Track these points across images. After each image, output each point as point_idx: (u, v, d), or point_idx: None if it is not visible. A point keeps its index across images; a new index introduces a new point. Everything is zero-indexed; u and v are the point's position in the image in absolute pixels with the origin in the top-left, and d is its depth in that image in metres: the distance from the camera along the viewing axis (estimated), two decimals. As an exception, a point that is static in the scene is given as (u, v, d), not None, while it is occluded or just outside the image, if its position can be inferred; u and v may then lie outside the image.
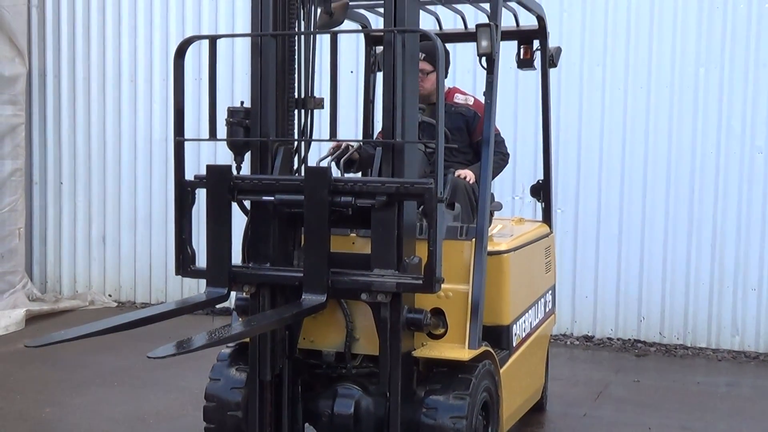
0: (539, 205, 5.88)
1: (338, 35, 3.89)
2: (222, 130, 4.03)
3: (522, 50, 5.34)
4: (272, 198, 3.84)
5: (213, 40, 3.99)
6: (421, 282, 3.64)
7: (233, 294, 4.08)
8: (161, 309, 3.88)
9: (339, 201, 3.71)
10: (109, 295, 9.24)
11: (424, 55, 4.81)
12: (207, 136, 3.99)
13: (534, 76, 5.81)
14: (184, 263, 3.99)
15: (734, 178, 7.42)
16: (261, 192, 3.85)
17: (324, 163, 4.57)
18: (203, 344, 3.19)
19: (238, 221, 3.96)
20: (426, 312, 3.86)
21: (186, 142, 4.04)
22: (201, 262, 4.00)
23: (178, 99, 3.98)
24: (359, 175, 5.19)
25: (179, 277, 4.09)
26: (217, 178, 3.88)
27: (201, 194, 3.99)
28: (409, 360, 3.88)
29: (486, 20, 4.33)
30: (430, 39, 3.68)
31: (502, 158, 5.17)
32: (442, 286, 3.80)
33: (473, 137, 5.10)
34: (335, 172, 4.68)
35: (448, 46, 5.38)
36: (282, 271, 3.91)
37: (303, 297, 3.73)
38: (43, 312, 8.47)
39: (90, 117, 9.23)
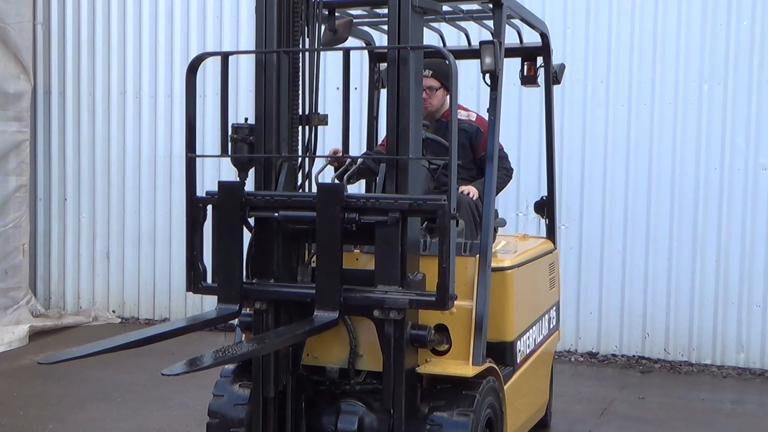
0: (543, 222, 5.88)
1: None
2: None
3: (525, 67, 5.35)
4: (275, 214, 3.84)
5: (225, 57, 4.00)
6: (434, 299, 3.64)
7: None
8: (173, 326, 3.87)
9: (351, 218, 3.70)
10: (113, 311, 9.24)
11: (431, 72, 4.83)
12: (214, 152, 4.00)
13: (538, 93, 5.82)
14: (195, 279, 3.98)
15: (738, 195, 7.41)
16: (273, 208, 3.85)
17: (322, 175, 4.58)
18: (216, 361, 3.19)
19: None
20: (430, 328, 3.85)
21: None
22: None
23: (190, 115, 3.99)
24: (362, 188, 5.19)
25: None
26: (228, 194, 3.87)
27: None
28: (412, 376, 3.88)
29: (490, 37, 4.35)
30: (443, 56, 3.68)
31: (506, 173, 5.17)
32: (446, 302, 3.80)
33: (476, 153, 5.10)
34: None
35: (452, 62, 5.39)
36: (294, 287, 3.91)
37: (315, 314, 3.72)
38: (46, 328, 8.47)
39: (94, 133, 9.26)
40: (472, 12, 4.78)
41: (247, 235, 3.99)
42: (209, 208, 3.98)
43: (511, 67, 5.27)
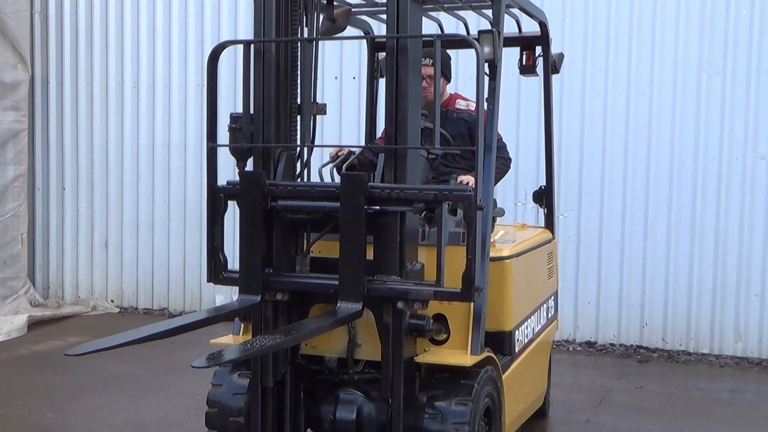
0: (542, 211, 5.88)
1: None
2: (224, 136, 4.03)
3: (524, 56, 5.34)
4: (275, 204, 3.83)
5: (247, 45, 3.97)
6: (459, 291, 3.63)
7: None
8: (195, 318, 3.85)
9: (375, 209, 3.68)
10: (112, 301, 9.24)
11: (431, 60, 4.82)
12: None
13: (536, 82, 5.82)
14: (216, 270, 3.95)
15: (737, 185, 7.42)
16: (296, 198, 3.83)
17: (326, 170, 4.57)
18: (242, 354, 3.21)
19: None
20: (428, 318, 3.85)
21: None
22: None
23: (212, 103, 3.95)
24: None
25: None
26: (251, 184, 3.85)
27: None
28: (411, 366, 3.88)
29: (488, 26, 4.34)
30: (470, 45, 3.66)
31: (504, 163, 5.17)
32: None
33: (475, 142, 5.08)
34: (336, 178, 4.70)
35: (451, 52, 5.39)
36: (317, 278, 3.89)
37: (338, 305, 3.70)
38: (45, 318, 8.48)
39: (92, 123, 9.25)
40: (471, 1, 4.76)
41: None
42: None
43: (510, 57, 5.27)
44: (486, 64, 4.28)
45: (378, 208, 3.68)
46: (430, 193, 3.67)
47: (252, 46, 3.96)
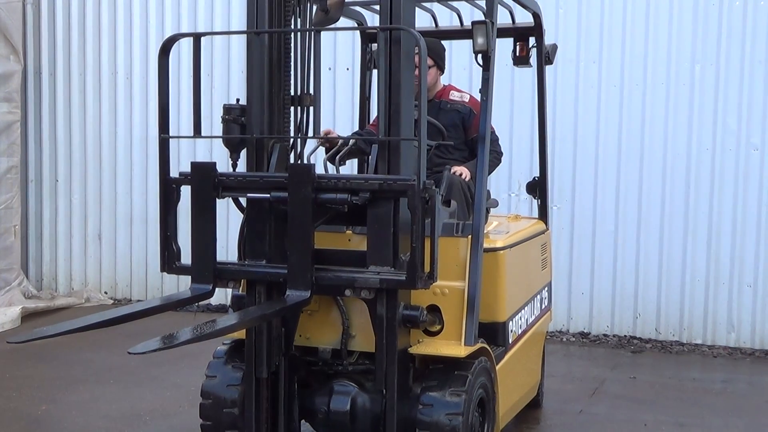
0: (535, 202, 5.88)
1: (324, 32, 3.90)
2: (218, 128, 4.03)
3: (518, 47, 5.34)
4: (267, 195, 3.84)
5: (197, 38, 3.99)
6: (404, 278, 3.64)
7: (231, 291, 4.09)
8: (145, 306, 3.88)
9: (323, 198, 3.71)
10: (105, 293, 9.24)
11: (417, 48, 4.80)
12: (195, 134, 4.01)
13: (530, 73, 5.81)
14: (170, 260, 4.01)
15: (730, 175, 7.43)
16: (246, 189, 3.85)
17: (314, 157, 4.57)
18: (186, 340, 3.19)
19: (236, 219, 3.97)
20: (422, 309, 3.86)
21: (181, 141, 4.05)
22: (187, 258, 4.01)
23: (162, 96, 4.01)
24: (354, 169, 5.19)
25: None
26: (201, 175, 3.88)
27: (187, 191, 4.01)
28: (405, 357, 3.89)
29: (482, 17, 4.34)
30: (405, 30, 3.70)
31: (496, 157, 5.17)
32: (439, 282, 3.81)
33: (468, 134, 5.10)
34: (330, 169, 4.70)
35: (444, 43, 5.38)
36: (267, 267, 3.91)
37: (287, 293, 3.74)
38: (38, 309, 8.47)
39: (85, 114, 9.23)
40: (464, -8, 4.76)
41: (235, 217, 3.99)
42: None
43: (504, 48, 5.26)
44: (480, 55, 4.30)
45: (325, 196, 3.69)
46: (375, 182, 3.67)
47: (246, 37, 3.96)
